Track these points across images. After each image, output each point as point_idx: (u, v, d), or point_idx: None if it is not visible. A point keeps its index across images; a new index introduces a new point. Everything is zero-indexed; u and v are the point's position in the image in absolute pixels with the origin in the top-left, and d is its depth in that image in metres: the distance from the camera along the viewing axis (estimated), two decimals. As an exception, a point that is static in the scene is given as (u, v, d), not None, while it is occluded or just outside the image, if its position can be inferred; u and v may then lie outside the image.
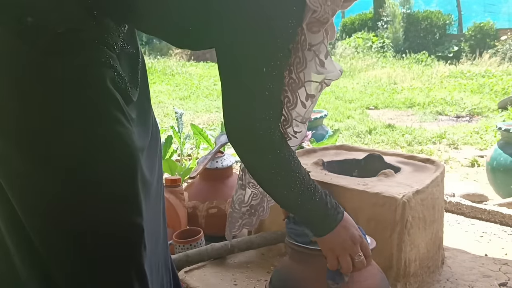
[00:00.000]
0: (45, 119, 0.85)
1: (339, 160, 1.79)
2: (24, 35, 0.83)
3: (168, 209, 1.91)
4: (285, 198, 1.00)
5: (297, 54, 1.00)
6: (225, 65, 0.95)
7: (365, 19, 11.61)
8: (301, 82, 1.02)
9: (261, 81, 0.92)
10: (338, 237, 1.00)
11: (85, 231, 0.88)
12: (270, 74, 0.92)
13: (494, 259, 1.76)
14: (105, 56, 0.90)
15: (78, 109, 0.86)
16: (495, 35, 9.85)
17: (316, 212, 1.00)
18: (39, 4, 0.85)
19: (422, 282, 1.52)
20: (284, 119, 1.05)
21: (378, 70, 8.68)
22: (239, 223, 1.29)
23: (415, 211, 1.42)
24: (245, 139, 0.95)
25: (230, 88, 0.95)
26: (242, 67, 0.92)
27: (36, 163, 0.86)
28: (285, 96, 1.03)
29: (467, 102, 6.04)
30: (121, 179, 0.90)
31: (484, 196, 2.73)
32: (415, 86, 7.27)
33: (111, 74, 0.90)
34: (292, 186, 0.97)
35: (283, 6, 0.91)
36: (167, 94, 7.03)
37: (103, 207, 0.89)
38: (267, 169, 0.96)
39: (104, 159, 0.88)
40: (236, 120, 0.95)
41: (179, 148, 3.31)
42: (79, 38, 0.87)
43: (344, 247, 1.01)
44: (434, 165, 1.68)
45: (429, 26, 10.66)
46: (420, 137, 4.51)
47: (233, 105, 0.95)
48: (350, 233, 1.01)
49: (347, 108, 5.93)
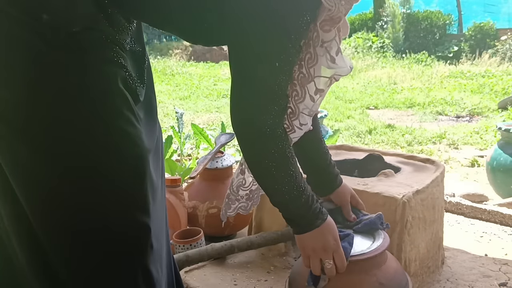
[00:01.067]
0: (57, 117, 0.85)
1: (339, 160, 1.79)
2: (40, 33, 0.83)
3: (168, 209, 1.91)
4: (274, 192, 1.02)
5: (309, 50, 1.02)
6: (238, 59, 0.96)
7: (365, 19, 11.61)
8: (311, 76, 1.04)
9: (272, 76, 0.94)
10: (311, 240, 1.03)
11: (93, 230, 0.88)
12: (281, 69, 0.95)
13: (494, 259, 1.76)
14: (117, 55, 0.90)
15: (91, 108, 0.86)
16: (495, 35, 9.84)
17: (297, 212, 1.03)
18: (56, 2, 0.85)
19: (422, 282, 1.52)
20: (291, 112, 1.08)
21: (378, 70, 8.68)
22: (235, 205, 1.31)
23: (415, 211, 1.43)
24: (251, 131, 0.97)
25: (242, 82, 0.96)
26: (256, 62, 0.94)
27: (46, 160, 0.85)
28: (293, 90, 1.06)
29: (467, 102, 6.04)
30: (131, 180, 0.91)
31: (484, 196, 2.73)
32: (415, 86, 7.27)
33: (122, 73, 0.91)
34: (284, 182, 0.99)
35: (298, 3, 0.92)
36: (167, 94, 7.04)
37: (111, 208, 0.89)
38: (266, 162, 0.98)
39: (115, 159, 0.88)
40: (244, 112, 0.97)
41: (179, 148, 3.31)
42: (94, 37, 0.87)
43: (314, 250, 1.04)
44: (434, 165, 1.68)
45: (429, 26, 10.65)
46: (420, 137, 4.51)
47: (243, 98, 0.97)
48: (324, 240, 1.03)
49: (347, 108, 5.93)
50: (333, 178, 1.23)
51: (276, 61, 0.93)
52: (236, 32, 0.94)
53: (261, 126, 0.95)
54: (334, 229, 1.06)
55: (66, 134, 0.85)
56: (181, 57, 11.08)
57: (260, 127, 0.95)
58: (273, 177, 1.00)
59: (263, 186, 1.05)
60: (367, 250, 1.09)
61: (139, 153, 0.92)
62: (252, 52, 0.94)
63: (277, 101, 0.96)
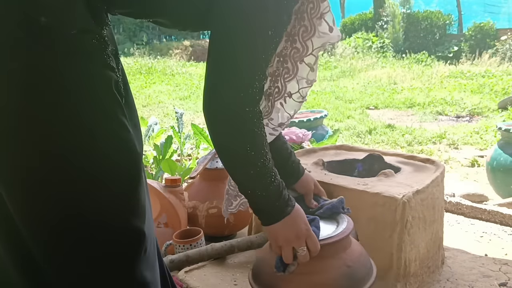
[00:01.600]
0: (55, 121, 0.83)
1: (339, 160, 1.79)
2: (39, 36, 0.81)
3: (168, 209, 1.92)
4: (249, 179, 1.00)
5: (303, 23, 1.04)
6: (219, 35, 0.95)
7: (365, 19, 11.62)
8: (307, 49, 1.06)
9: (255, 52, 0.94)
10: (283, 229, 1.02)
11: (88, 234, 0.87)
12: (265, 46, 0.95)
13: (494, 259, 1.76)
14: (108, 57, 0.89)
15: (89, 114, 0.85)
16: (495, 35, 9.85)
17: (267, 200, 1.01)
18: (53, 3, 0.83)
19: (422, 282, 1.52)
20: (278, 91, 1.09)
21: (378, 70, 8.69)
22: (237, 201, 1.31)
23: (415, 211, 1.42)
24: (229, 112, 0.95)
25: (222, 60, 0.95)
26: (238, 36, 0.94)
27: (42, 162, 0.84)
28: (284, 68, 1.06)
29: (467, 102, 6.04)
30: (127, 185, 0.90)
31: (484, 196, 2.73)
32: (415, 86, 7.27)
33: (114, 77, 0.90)
34: (259, 166, 0.98)
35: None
36: (167, 94, 7.04)
37: (107, 213, 0.88)
38: (244, 145, 0.96)
39: (111, 164, 0.87)
40: (223, 92, 0.95)
41: (179, 148, 3.31)
42: (89, 38, 0.86)
43: (287, 240, 1.02)
44: (434, 165, 1.68)
45: (429, 26, 10.66)
46: (420, 137, 4.51)
47: (222, 77, 0.95)
48: (296, 227, 1.02)
49: (347, 108, 5.93)
50: (296, 167, 1.24)
51: (260, 36, 0.94)
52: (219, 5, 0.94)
53: (239, 105, 0.94)
54: (303, 214, 1.05)
55: (62, 139, 0.84)
56: (181, 57, 11.08)
57: (239, 107, 0.94)
58: (250, 162, 0.98)
59: (236, 172, 1.03)
60: (333, 234, 1.09)
61: (134, 158, 0.91)
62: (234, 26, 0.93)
63: (257, 79, 0.96)
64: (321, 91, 7.16)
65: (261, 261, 1.14)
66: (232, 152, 1.00)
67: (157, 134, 3.42)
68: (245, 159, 0.98)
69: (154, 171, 2.62)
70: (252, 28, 0.94)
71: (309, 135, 2.42)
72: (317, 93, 6.99)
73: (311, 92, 7.10)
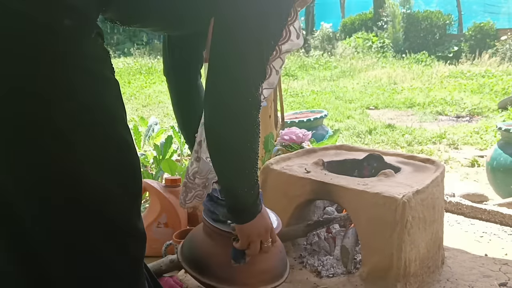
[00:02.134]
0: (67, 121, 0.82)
1: (339, 160, 1.79)
2: (61, 38, 0.81)
3: (168, 209, 1.92)
4: (243, 176, 1.04)
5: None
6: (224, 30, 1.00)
7: (365, 19, 11.61)
8: (278, 53, 1.13)
9: (257, 47, 0.99)
10: (255, 226, 1.08)
11: (90, 233, 0.87)
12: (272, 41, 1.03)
13: (494, 259, 1.76)
14: (110, 59, 0.90)
15: (103, 117, 0.86)
16: (495, 35, 9.85)
17: (251, 197, 1.06)
18: (80, 4, 0.83)
19: (422, 282, 1.52)
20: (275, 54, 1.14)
21: (378, 70, 8.69)
22: (192, 193, 1.31)
23: (415, 211, 1.42)
24: (234, 103, 0.99)
25: (226, 53, 1.00)
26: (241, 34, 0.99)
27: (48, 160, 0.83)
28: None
29: (467, 102, 6.04)
30: (132, 186, 0.91)
31: (484, 196, 2.73)
32: (415, 86, 7.27)
33: (117, 80, 0.91)
34: (253, 164, 1.03)
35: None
36: (167, 94, 7.01)
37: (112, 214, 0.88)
38: (245, 139, 1.00)
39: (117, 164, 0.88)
40: (228, 82, 0.99)
41: (179, 148, 3.30)
42: (100, 42, 0.87)
43: (259, 235, 1.10)
44: (434, 165, 1.68)
45: (429, 26, 10.66)
46: (420, 137, 4.51)
47: (225, 69, 1.00)
48: (265, 222, 1.11)
49: (347, 108, 5.93)
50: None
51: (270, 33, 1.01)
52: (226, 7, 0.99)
53: (243, 96, 0.98)
54: (265, 208, 1.12)
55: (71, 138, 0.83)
56: (181, 57, 11.06)
57: (243, 97, 0.98)
58: (249, 158, 1.02)
59: (234, 167, 1.04)
60: (276, 224, 1.22)
61: (137, 161, 0.92)
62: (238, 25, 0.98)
63: (263, 73, 1.02)
64: (321, 91, 7.16)
65: (206, 254, 1.22)
66: (236, 147, 1.03)
67: (157, 134, 3.42)
68: (245, 158, 1.02)
69: (154, 171, 2.62)
70: (258, 38, 0.99)
71: (309, 135, 2.41)
72: (317, 93, 6.99)
73: (311, 92, 7.11)
